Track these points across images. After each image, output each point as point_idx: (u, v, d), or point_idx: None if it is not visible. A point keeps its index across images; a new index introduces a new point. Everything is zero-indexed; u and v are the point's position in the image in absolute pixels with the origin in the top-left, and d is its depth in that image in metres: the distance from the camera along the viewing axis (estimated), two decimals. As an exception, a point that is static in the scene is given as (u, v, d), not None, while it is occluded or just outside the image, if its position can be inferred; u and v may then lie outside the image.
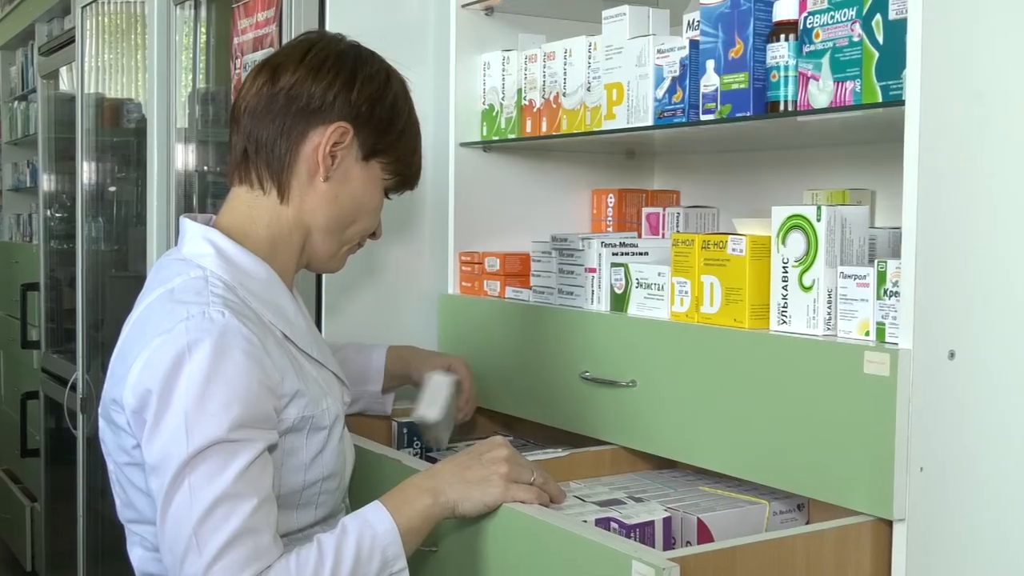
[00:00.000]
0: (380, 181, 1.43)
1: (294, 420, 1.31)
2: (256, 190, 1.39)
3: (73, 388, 3.42)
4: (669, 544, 1.44)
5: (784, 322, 1.47)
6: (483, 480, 1.34)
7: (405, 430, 1.88)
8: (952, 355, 1.33)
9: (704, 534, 1.44)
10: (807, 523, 1.54)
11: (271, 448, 1.26)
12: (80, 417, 3.38)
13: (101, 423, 1.35)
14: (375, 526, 1.27)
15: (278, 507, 1.30)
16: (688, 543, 1.44)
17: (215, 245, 1.35)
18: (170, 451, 1.19)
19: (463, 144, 2.05)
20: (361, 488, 1.54)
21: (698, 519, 1.44)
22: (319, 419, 1.35)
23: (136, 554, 1.37)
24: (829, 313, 1.42)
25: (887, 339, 1.35)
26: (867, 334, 1.38)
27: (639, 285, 1.68)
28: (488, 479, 1.34)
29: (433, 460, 1.76)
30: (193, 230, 1.38)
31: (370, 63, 1.43)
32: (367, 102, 1.39)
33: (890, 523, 1.32)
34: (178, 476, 1.19)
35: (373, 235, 1.50)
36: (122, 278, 3.35)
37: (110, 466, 1.36)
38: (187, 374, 1.20)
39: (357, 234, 1.45)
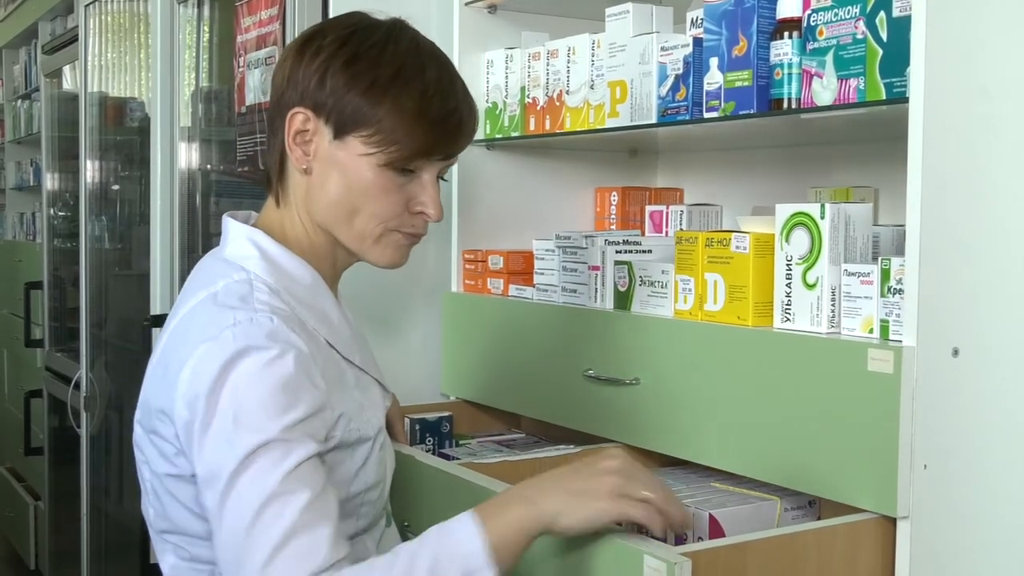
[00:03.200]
0: (367, 158, 1.24)
1: (340, 438, 1.24)
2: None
3: (77, 386, 3.42)
4: (680, 540, 1.44)
5: (788, 320, 1.47)
6: (585, 492, 1.16)
7: (418, 427, 1.89)
8: (956, 352, 1.33)
9: (715, 530, 1.44)
10: (818, 519, 1.54)
11: (320, 455, 1.20)
12: (83, 415, 3.38)
13: (138, 430, 1.28)
14: (456, 533, 1.13)
15: None
16: (700, 539, 1.44)
17: (259, 247, 1.29)
18: (220, 461, 1.13)
19: (466, 142, 2.05)
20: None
21: (710, 515, 1.44)
22: (364, 431, 1.28)
23: (168, 562, 1.31)
24: (833, 311, 1.42)
25: (891, 336, 1.35)
26: (871, 331, 1.38)
27: (643, 283, 1.68)
28: (592, 491, 1.16)
29: (447, 457, 1.76)
30: (236, 230, 1.31)
31: (331, 29, 1.28)
32: (315, 74, 1.24)
33: (895, 520, 1.32)
34: (229, 484, 1.12)
35: (427, 217, 1.30)
36: (125, 277, 3.35)
37: (145, 474, 1.29)
38: (235, 380, 1.14)
39: (373, 221, 1.28)
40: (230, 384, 1.14)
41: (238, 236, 1.31)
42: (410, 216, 1.29)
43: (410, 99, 1.23)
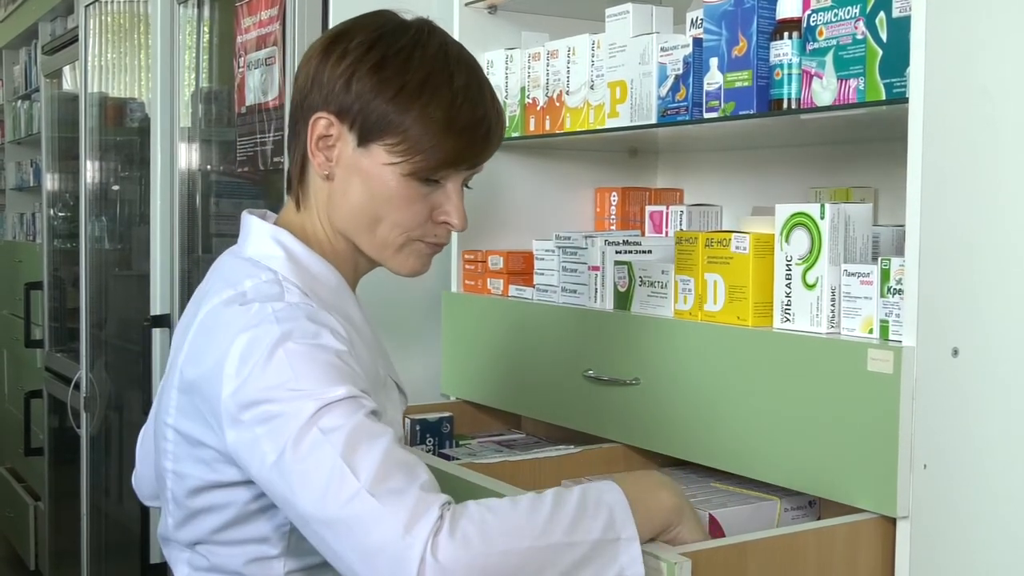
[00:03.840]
0: (391, 167, 1.20)
1: None
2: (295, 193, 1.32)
3: (77, 387, 3.42)
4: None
5: (787, 320, 1.47)
6: (702, 528, 1.28)
7: (418, 427, 1.89)
8: (956, 352, 1.33)
9: (715, 530, 1.44)
10: (818, 519, 1.54)
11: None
12: (83, 416, 3.38)
13: (171, 435, 1.23)
14: (601, 487, 1.14)
15: None
16: (700, 538, 1.44)
17: (285, 247, 1.25)
18: (293, 413, 1.06)
19: (466, 142, 2.05)
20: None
21: (709, 515, 1.44)
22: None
23: (182, 572, 1.28)
24: (833, 311, 1.42)
25: (891, 337, 1.35)
26: (871, 332, 1.38)
27: (642, 283, 1.69)
28: (701, 528, 1.28)
29: (447, 457, 1.76)
30: (260, 229, 1.27)
31: (357, 30, 1.23)
32: (341, 78, 1.20)
33: (894, 520, 1.32)
34: (309, 422, 1.06)
35: (451, 227, 1.26)
36: (125, 277, 3.35)
37: (168, 482, 1.25)
38: (289, 357, 1.09)
39: (395, 230, 1.24)
40: (285, 363, 1.09)
41: (262, 235, 1.26)
42: (433, 225, 1.26)
43: (438, 108, 1.19)
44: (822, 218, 1.42)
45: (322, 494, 1.04)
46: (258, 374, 1.10)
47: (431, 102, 1.19)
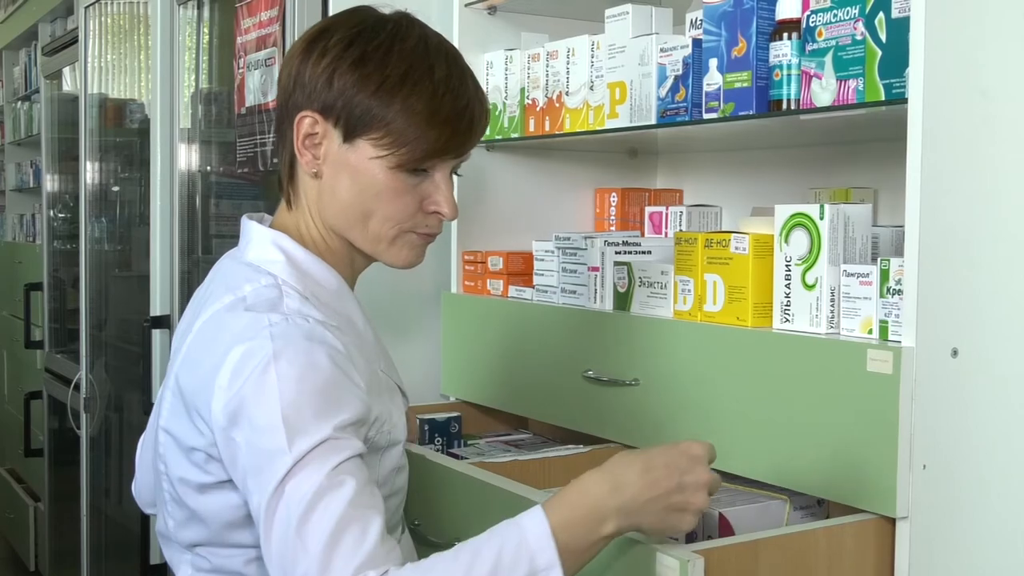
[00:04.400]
0: (378, 161, 1.21)
1: (373, 440, 1.22)
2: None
3: (76, 388, 3.43)
4: (690, 539, 1.44)
5: (787, 320, 1.47)
6: (681, 508, 1.14)
7: (427, 427, 1.89)
8: (955, 353, 1.33)
9: (725, 528, 1.44)
10: (827, 518, 1.54)
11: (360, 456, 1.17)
12: (83, 417, 3.38)
13: (165, 439, 1.25)
14: (524, 530, 1.09)
15: None
16: (709, 537, 1.44)
17: (285, 251, 1.25)
18: (272, 466, 1.09)
19: (466, 143, 2.05)
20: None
21: (719, 514, 1.44)
22: (394, 435, 1.27)
23: (185, 573, 1.29)
24: (832, 311, 1.42)
25: (890, 337, 1.35)
26: (870, 332, 1.38)
27: (642, 284, 1.69)
28: (686, 508, 1.14)
29: (456, 457, 1.76)
30: (260, 233, 1.28)
31: (336, 28, 1.23)
32: (323, 76, 1.20)
33: (894, 520, 1.32)
34: (280, 486, 1.08)
35: (442, 215, 1.27)
36: (125, 278, 3.35)
37: (164, 484, 1.27)
38: (279, 382, 1.11)
39: (387, 223, 1.24)
40: (274, 386, 1.11)
41: (262, 240, 1.27)
42: (424, 216, 1.26)
43: (420, 100, 1.20)
44: (821, 218, 1.43)
45: (288, 560, 1.08)
46: (248, 391, 1.12)
47: (412, 94, 1.20)
